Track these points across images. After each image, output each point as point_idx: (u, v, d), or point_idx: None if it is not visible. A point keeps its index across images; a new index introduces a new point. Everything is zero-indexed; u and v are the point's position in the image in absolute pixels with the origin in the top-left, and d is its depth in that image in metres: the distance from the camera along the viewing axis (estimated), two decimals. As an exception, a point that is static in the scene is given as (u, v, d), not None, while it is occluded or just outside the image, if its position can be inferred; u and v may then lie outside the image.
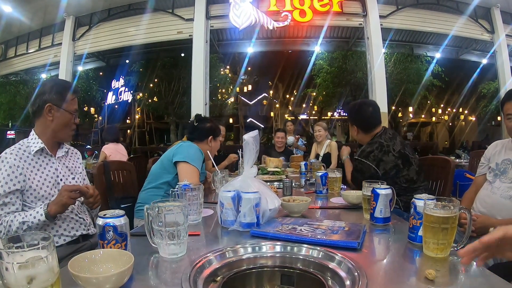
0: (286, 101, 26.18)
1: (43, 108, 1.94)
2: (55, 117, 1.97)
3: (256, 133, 1.72)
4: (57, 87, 1.99)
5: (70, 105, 2.01)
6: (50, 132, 2.00)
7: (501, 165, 2.27)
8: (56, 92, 1.97)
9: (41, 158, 1.97)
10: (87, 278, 0.95)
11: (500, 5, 9.73)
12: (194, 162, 2.68)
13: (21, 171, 1.84)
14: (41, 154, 1.98)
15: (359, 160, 2.80)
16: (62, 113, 1.98)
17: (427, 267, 1.07)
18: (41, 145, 1.95)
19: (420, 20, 9.62)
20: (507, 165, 2.23)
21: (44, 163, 1.98)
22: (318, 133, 5.73)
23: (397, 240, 1.48)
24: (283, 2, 9.00)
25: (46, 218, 1.76)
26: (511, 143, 2.30)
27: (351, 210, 2.07)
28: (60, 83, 2.08)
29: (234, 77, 17.82)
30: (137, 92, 17.92)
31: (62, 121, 1.99)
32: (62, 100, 1.98)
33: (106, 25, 10.06)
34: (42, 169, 1.96)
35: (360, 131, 2.96)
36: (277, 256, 1.27)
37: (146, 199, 2.74)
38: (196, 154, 2.76)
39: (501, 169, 2.26)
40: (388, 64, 11.49)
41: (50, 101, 1.95)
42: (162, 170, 2.77)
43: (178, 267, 1.15)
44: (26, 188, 1.85)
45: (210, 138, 3.05)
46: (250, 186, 1.64)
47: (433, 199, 1.28)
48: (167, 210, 1.21)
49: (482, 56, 11.52)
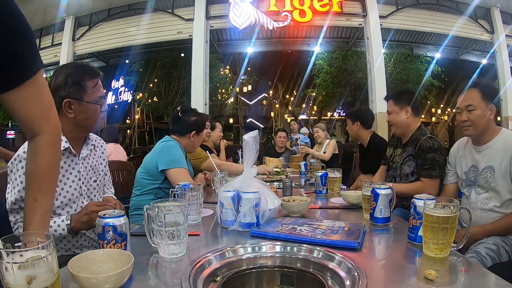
0: (286, 101, 26.22)
1: (61, 105, 1.65)
2: (77, 112, 1.70)
3: (256, 133, 1.72)
4: (73, 77, 1.68)
5: (93, 93, 1.71)
6: (74, 128, 1.74)
7: (470, 174, 2.22)
8: (73, 83, 1.67)
9: (63, 159, 1.72)
10: (87, 278, 0.95)
11: (500, 6, 9.74)
12: (181, 164, 2.62)
13: None
14: (63, 154, 1.71)
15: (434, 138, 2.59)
16: (85, 106, 1.70)
17: (427, 267, 1.07)
18: (66, 144, 1.69)
19: (420, 20, 9.63)
20: (475, 172, 2.18)
21: (66, 165, 1.75)
22: (316, 134, 5.99)
23: (397, 240, 1.48)
24: (283, 2, 9.01)
25: (68, 233, 1.58)
26: (470, 145, 2.25)
27: (351, 210, 2.07)
28: (75, 71, 1.73)
29: (234, 77, 17.84)
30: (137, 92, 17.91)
31: (87, 114, 1.72)
32: (81, 91, 1.68)
33: (106, 25, 10.07)
34: (64, 172, 1.73)
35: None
36: (277, 256, 1.27)
37: (138, 205, 2.72)
38: (179, 154, 2.68)
39: (471, 178, 2.20)
40: (388, 64, 11.50)
41: (68, 96, 1.66)
42: (148, 177, 2.68)
43: (178, 267, 1.15)
44: None
45: (193, 133, 2.87)
46: (250, 186, 1.64)
47: (433, 199, 1.28)
48: (167, 210, 1.21)
49: (482, 57, 11.51)
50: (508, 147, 2.02)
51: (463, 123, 2.15)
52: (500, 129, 2.15)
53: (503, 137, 2.10)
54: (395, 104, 2.81)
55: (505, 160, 2.01)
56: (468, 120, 2.12)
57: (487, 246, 1.87)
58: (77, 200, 1.79)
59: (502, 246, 1.89)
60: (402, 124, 2.78)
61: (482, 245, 1.90)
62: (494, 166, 2.06)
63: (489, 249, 1.85)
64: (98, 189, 1.94)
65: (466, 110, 2.13)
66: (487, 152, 2.12)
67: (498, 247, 1.87)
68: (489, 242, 1.90)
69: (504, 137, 2.10)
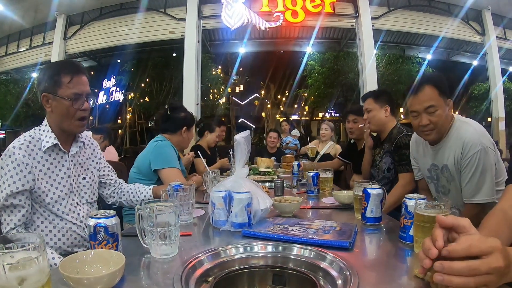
0: (278, 101, 26.20)
1: (41, 99, 1.69)
2: (53, 107, 1.69)
3: (248, 133, 1.72)
4: (50, 71, 1.70)
5: (67, 89, 1.67)
6: (56, 124, 1.74)
7: (432, 172, 2.20)
8: (49, 77, 1.68)
9: (52, 156, 1.73)
10: (78, 279, 0.94)
11: (491, 8, 9.85)
12: (173, 164, 2.64)
13: (30, 169, 1.62)
14: (53, 150, 1.73)
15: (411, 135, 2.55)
16: (58, 100, 1.68)
17: (418, 266, 1.07)
18: (54, 140, 1.70)
19: (412, 21, 9.72)
20: (436, 171, 2.15)
21: (56, 161, 1.74)
22: (325, 131, 5.53)
23: (388, 239, 1.49)
24: (275, 3, 9.04)
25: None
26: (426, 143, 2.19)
27: (343, 210, 2.07)
28: (53, 66, 1.78)
29: (226, 77, 17.78)
30: (129, 92, 17.78)
31: (60, 110, 1.69)
32: (56, 86, 1.66)
33: (97, 24, 10.04)
34: (53, 168, 1.73)
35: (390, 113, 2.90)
36: (268, 256, 1.27)
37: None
38: (171, 154, 2.70)
39: (434, 176, 2.19)
40: (380, 65, 11.55)
41: (45, 90, 1.67)
42: (142, 177, 2.69)
43: (169, 267, 1.15)
44: (34, 189, 1.65)
45: (184, 129, 2.92)
46: (242, 186, 1.64)
47: (424, 199, 1.30)
48: (159, 210, 1.21)
49: (473, 58, 11.66)
50: (458, 143, 1.96)
51: (424, 127, 2.00)
52: (452, 122, 2.05)
53: (453, 132, 2.02)
54: (375, 102, 2.86)
55: (456, 157, 1.98)
56: (430, 123, 1.97)
57: None
58: (67, 197, 1.78)
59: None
60: (381, 121, 2.85)
61: None
62: (448, 165, 2.04)
63: None
64: (89, 186, 1.93)
65: (425, 113, 1.96)
66: (440, 151, 2.08)
67: None
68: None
69: (454, 131, 2.01)
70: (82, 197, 1.87)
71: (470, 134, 1.95)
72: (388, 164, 2.77)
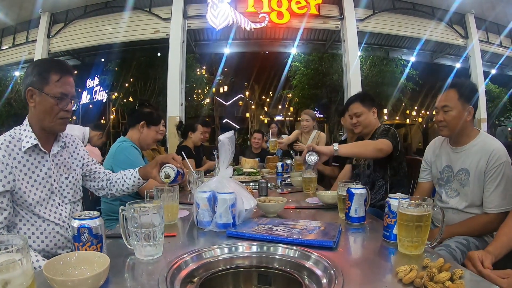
0: (262, 102, 26.25)
1: (26, 93, 1.67)
2: (36, 103, 1.68)
3: (232, 134, 1.72)
4: (40, 67, 1.69)
5: (55, 87, 1.66)
6: (37, 122, 1.72)
7: (443, 174, 2.25)
8: (38, 72, 1.67)
9: (33, 156, 1.70)
10: (63, 281, 0.94)
11: (475, 12, 10.02)
12: (136, 165, 2.36)
13: (10, 170, 1.59)
14: (33, 151, 1.70)
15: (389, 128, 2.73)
16: (44, 97, 1.66)
17: (402, 265, 1.08)
18: (35, 141, 1.67)
19: (396, 24, 9.84)
20: (449, 173, 2.21)
21: (36, 161, 1.71)
22: (306, 123, 5.10)
23: (372, 238, 1.51)
24: (261, 4, 9.05)
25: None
26: (447, 145, 2.27)
27: (327, 210, 2.09)
28: (44, 62, 1.80)
29: (211, 78, 17.75)
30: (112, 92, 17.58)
31: (44, 107, 1.67)
32: (43, 82, 1.66)
33: (82, 23, 9.92)
34: (34, 168, 1.70)
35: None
36: (253, 256, 1.28)
37: (108, 210, 2.70)
38: (134, 154, 2.65)
39: (444, 178, 2.24)
40: (364, 67, 11.64)
41: (31, 85, 1.66)
42: None
43: (154, 268, 1.14)
44: (15, 190, 1.62)
45: (142, 124, 2.80)
46: (226, 187, 1.64)
47: (407, 198, 1.31)
48: (143, 211, 1.20)
49: (455, 60, 11.84)
50: (485, 151, 2.03)
51: (439, 123, 2.16)
52: (478, 132, 2.15)
53: (480, 140, 2.10)
54: (363, 105, 2.89)
55: (481, 164, 2.02)
56: (444, 120, 2.12)
57: (458, 240, 1.92)
58: (48, 199, 1.75)
59: (473, 241, 1.95)
60: (371, 124, 2.92)
61: (453, 239, 1.95)
62: (469, 169, 2.07)
63: (459, 243, 1.89)
64: (72, 185, 1.89)
65: (442, 111, 2.12)
66: (463, 154, 2.13)
67: (468, 242, 1.93)
68: (459, 237, 1.95)
69: (481, 140, 2.10)
70: (64, 197, 1.84)
71: (498, 145, 2.05)
72: (371, 163, 2.81)
